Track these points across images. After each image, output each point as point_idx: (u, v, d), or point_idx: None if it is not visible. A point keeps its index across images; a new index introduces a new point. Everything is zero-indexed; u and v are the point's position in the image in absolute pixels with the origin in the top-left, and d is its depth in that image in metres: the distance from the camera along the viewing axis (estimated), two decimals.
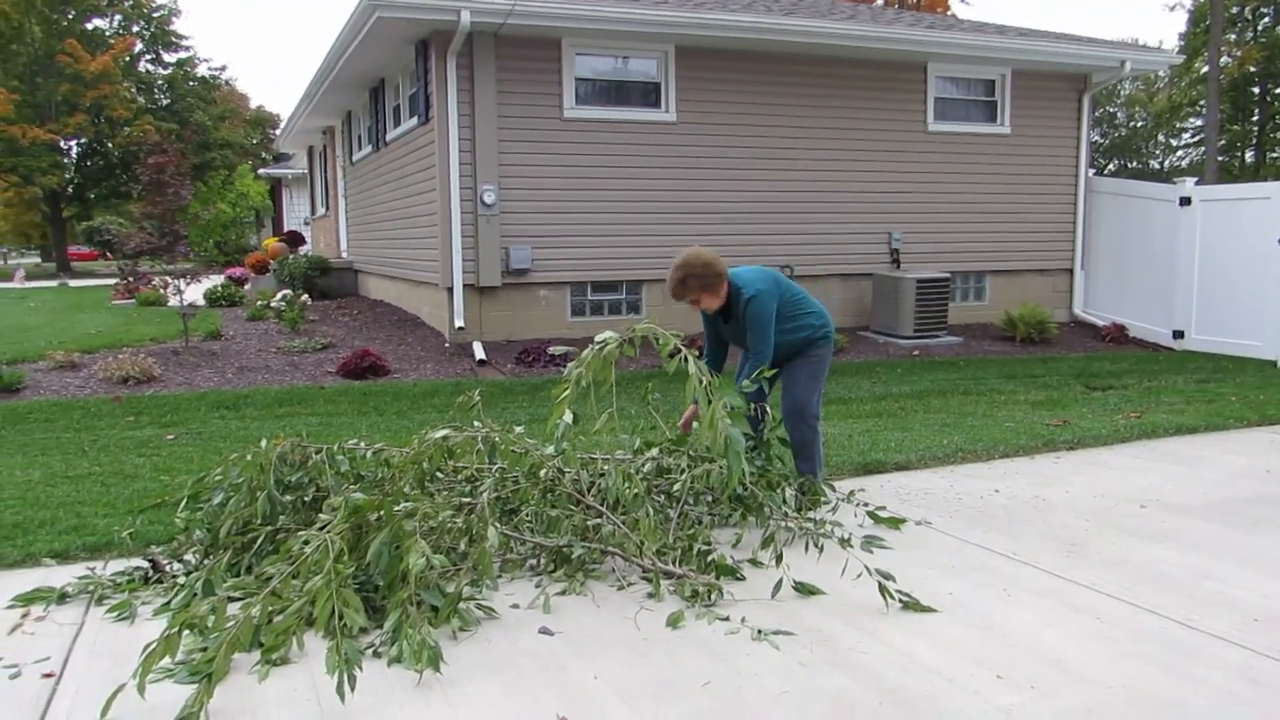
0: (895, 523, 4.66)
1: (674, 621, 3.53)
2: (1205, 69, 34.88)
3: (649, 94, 10.74)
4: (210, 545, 3.99)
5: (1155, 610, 3.64)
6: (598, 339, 4.14)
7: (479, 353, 9.66)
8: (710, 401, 3.86)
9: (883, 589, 3.66)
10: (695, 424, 4.51)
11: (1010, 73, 12.24)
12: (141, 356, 8.99)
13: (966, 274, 12.52)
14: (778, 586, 3.78)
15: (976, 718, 2.84)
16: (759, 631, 3.42)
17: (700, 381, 3.92)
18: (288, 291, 13.89)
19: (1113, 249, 12.78)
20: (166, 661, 3.01)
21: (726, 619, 3.56)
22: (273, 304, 12.79)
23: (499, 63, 9.88)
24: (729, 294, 4.80)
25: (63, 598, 3.78)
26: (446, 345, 10.17)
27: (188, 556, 4.06)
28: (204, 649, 3.08)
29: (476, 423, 4.40)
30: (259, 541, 3.85)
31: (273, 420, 7.28)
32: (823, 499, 4.94)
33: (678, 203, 10.76)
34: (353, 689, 2.86)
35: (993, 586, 3.91)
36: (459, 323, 10.05)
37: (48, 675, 3.17)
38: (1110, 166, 50.38)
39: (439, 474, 4.47)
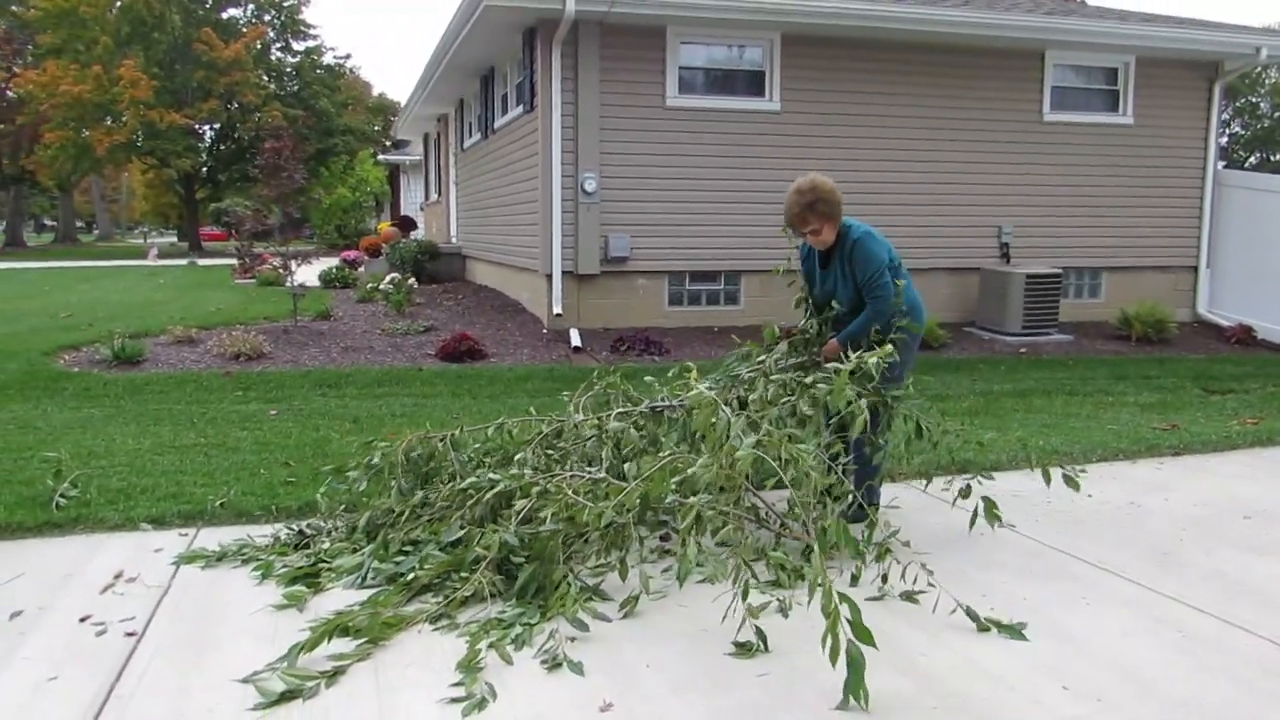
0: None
1: (754, 614, 3.35)
2: None
3: (753, 83, 10.64)
4: (350, 531, 4.26)
5: (1246, 626, 3.45)
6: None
7: (574, 340, 9.74)
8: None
9: (971, 614, 3.44)
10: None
11: (1134, 60, 11.71)
12: (254, 334, 9.34)
13: (1080, 270, 12.05)
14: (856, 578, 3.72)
15: None
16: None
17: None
18: (397, 275, 14.25)
19: (1242, 246, 12.13)
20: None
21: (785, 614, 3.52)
22: (381, 287, 13.15)
23: (603, 51, 9.92)
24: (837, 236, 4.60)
25: (220, 558, 4.04)
26: (544, 331, 10.29)
27: (325, 524, 4.35)
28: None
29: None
30: (403, 517, 4.13)
31: (370, 400, 7.48)
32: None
33: (780, 194, 10.54)
34: None
35: (1072, 594, 3.76)
36: (557, 309, 10.15)
37: (130, 634, 3.33)
38: (1251, 159, 47.73)
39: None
